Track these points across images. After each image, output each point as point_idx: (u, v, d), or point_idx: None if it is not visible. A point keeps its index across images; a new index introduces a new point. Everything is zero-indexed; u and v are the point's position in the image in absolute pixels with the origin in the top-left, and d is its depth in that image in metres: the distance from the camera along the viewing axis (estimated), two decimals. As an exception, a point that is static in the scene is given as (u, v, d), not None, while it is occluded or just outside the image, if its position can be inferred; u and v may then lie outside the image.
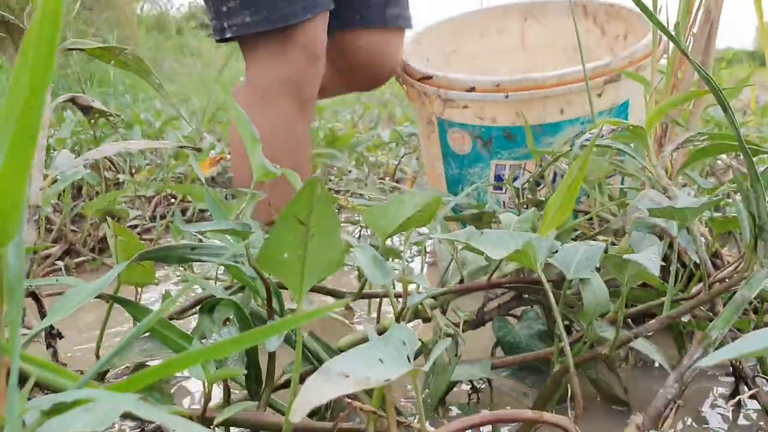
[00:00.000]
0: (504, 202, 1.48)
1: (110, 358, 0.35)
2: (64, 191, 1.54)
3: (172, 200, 1.96)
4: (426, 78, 1.49)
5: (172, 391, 0.91)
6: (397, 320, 0.63)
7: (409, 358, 0.47)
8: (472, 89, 1.41)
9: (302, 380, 0.74)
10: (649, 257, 0.62)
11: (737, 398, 0.81)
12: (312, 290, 0.74)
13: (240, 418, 0.60)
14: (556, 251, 0.69)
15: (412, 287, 0.75)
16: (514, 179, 1.44)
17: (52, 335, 0.80)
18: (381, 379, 0.41)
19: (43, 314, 0.86)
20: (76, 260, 1.50)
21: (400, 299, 0.71)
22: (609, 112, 1.43)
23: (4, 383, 0.34)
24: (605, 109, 1.41)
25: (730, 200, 1.10)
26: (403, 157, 2.51)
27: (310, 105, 1.39)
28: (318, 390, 0.39)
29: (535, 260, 0.65)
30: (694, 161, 0.91)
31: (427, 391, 0.70)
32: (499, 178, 1.49)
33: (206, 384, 0.50)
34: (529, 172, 1.44)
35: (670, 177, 1.00)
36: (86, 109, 0.90)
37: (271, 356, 0.64)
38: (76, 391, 0.32)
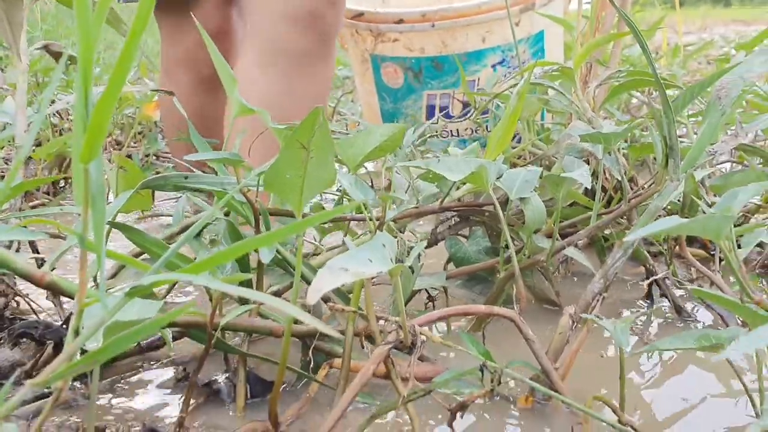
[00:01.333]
0: (438, 133, 1.60)
1: (179, 245, 0.44)
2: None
3: (117, 147, 1.99)
4: (358, 15, 1.58)
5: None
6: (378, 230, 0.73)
7: (391, 259, 0.57)
8: (401, 21, 1.51)
9: (279, 295, 0.84)
10: (581, 174, 0.73)
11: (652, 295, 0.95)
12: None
13: (238, 323, 0.69)
14: (502, 175, 0.79)
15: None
16: (443, 109, 1.55)
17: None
18: (373, 271, 0.51)
19: (35, 249, 0.92)
20: (31, 204, 1.53)
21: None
22: (527, 40, 1.55)
23: (86, 274, 0.43)
24: (523, 38, 1.53)
25: (646, 133, 1.23)
26: (340, 98, 2.58)
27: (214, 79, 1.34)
28: (325, 280, 0.49)
29: (487, 181, 0.76)
30: (615, 95, 1.03)
31: (393, 295, 0.81)
32: (431, 108, 1.60)
33: (215, 293, 0.59)
34: (458, 100, 1.56)
35: (593, 111, 1.12)
36: (58, 56, 0.95)
37: (260, 271, 0.73)
38: (151, 276, 0.40)
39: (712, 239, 0.49)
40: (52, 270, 0.67)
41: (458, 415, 0.64)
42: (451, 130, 1.60)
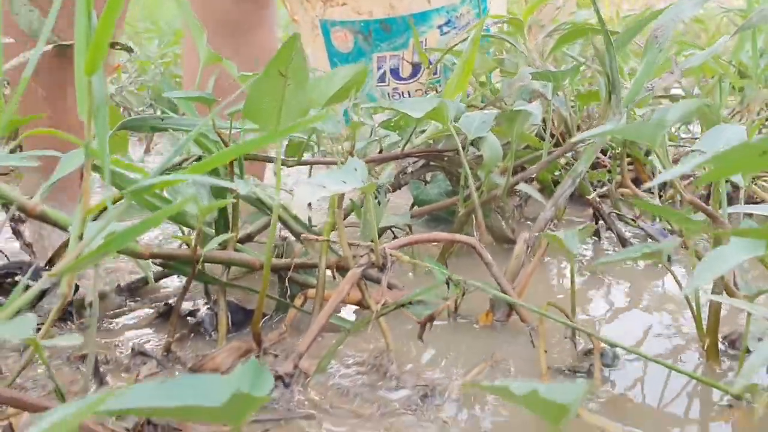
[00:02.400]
0: (389, 94, 1.65)
1: (169, 159, 0.48)
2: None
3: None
4: None
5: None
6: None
7: (362, 181, 0.62)
8: None
9: (252, 238, 0.88)
10: (534, 107, 0.80)
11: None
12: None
13: (218, 256, 0.73)
14: (462, 114, 0.85)
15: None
16: (393, 71, 1.61)
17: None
18: (350, 188, 0.56)
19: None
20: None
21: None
22: (470, 1, 1.61)
23: (89, 182, 0.47)
24: None
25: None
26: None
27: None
28: (306, 193, 0.54)
29: (447, 117, 0.81)
30: (561, 45, 1.09)
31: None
32: (381, 70, 1.65)
33: (199, 217, 0.63)
34: (407, 61, 1.62)
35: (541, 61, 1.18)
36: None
37: (235, 207, 0.77)
38: (151, 179, 0.45)
39: (648, 144, 0.55)
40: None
41: (427, 326, 0.70)
42: (402, 92, 1.66)
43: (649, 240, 0.98)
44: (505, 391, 0.41)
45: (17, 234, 0.90)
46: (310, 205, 0.95)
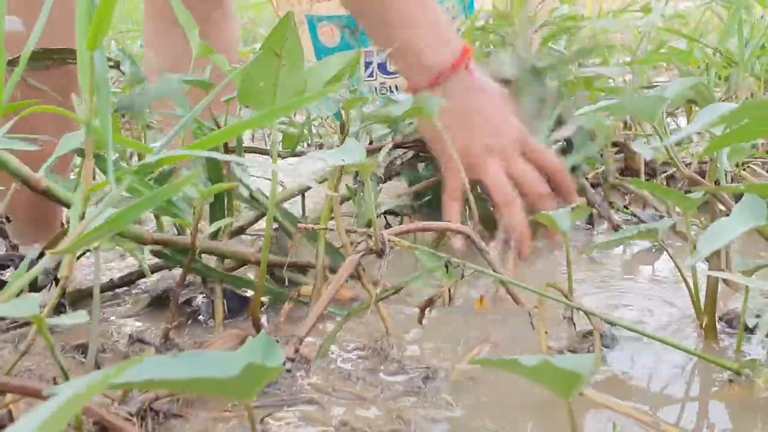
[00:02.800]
0: (376, 88, 1.65)
1: (171, 137, 0.47)
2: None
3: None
4: None
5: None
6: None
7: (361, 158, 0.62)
8: None
9: (244, 230, 0.88)
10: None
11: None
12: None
13: (215, 247, 0.73)
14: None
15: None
16: (380, 66, 1.61)
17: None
18: (350, 161, 0.56)
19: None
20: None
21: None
22: None
23: (91, 160, 0.46)
24: None
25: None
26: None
27: None
28: (307, 166, 0.54)
29: (429, 111, 0.82)
30: (549, 41, 1.10)
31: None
32: (368, 65, 1.65)
33: (200, 200, 0.63)
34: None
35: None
36: None
37: (230, 194, 0.77)
38: (157, 154, 0.44)
39: (647, 119, 0.56)
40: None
41: (427, 311, 0.70)
42: (390, 86, 1.66)
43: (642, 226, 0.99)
44: (515, 365, 0.41)
45: (2, 234, 0.88)
46: (303, 197, 0.95)
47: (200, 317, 0.75)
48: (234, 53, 1.19)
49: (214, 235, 0.78)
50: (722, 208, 0.72)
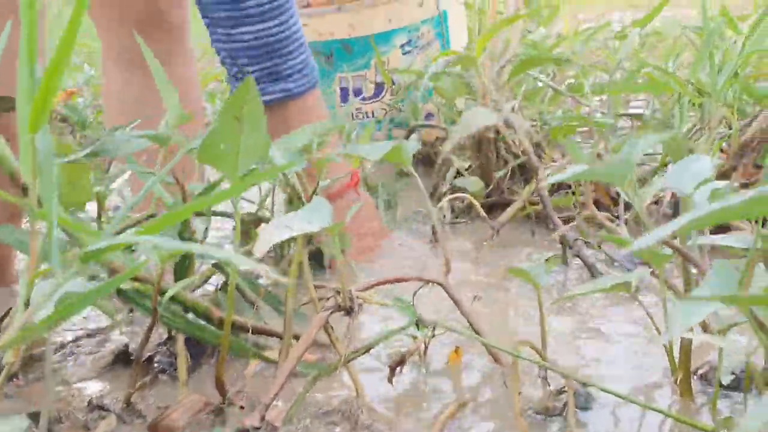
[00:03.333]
0: (353, 114, 1.63)
1: (122, 217, 0.45)
2: None
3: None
4: None
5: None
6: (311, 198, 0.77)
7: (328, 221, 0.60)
8: (308, 5, 1.56)
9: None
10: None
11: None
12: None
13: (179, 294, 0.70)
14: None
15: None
16: (356, 92, 1.60)
17: None
18: (315, 228, 0.54)
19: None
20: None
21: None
22: (431, 20, 1.61)
23: (37, 243, 0.44)
24: (427, 18, 1.60)
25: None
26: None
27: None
28: (271, 235, 0.52)
29: (407, 159, 0.80)
30: (516, 74, 1.09)
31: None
32: (343, 90, 1.64)
33: (158, 265, 0.60)
34: (371, 81, 1.61)
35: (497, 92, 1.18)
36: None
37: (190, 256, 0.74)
38: (106, 240, 0.42)
39: (617, 184, 0.54)
40: None
41: (398, 370, 0.68)
42: (366, 112, 1.64)
43: (616, 263, 0.98)
44: None
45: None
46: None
47: (165, 374, 0.72)
48: (194, 95, 1.17)
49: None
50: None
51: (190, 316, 0.69)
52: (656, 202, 1.12)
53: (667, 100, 1.49)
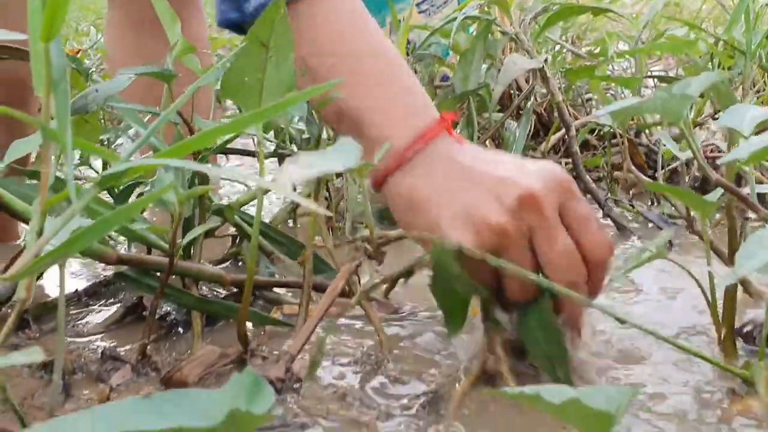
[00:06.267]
0: None
1: (142, 142, 0.41)
2: None
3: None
4: None
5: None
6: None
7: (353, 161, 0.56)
8: None
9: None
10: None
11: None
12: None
13: (187, 268, 0.67)
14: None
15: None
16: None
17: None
18: (341, 167, 0.50)
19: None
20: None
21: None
22: None
23: (49, 169, 0.40)
24: None
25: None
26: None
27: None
28: (295, 172, 0.48)
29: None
30: (549, 25, 1.05)
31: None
32: None
33: (177, 206, 0.57)
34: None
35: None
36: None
37: (203, 201, 0.71)
38: (123, 163, 0.38)
39: (672, 120, 0.50)
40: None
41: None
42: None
43: (650, 225, 0.94)
44: (536, 400, 0.36)
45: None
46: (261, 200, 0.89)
47: (179, 329, 0.69)
48: (207, 55, 1.14)
49: (188, 248, 0.73)
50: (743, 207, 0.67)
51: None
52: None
53: (689, 66, 1.44)
